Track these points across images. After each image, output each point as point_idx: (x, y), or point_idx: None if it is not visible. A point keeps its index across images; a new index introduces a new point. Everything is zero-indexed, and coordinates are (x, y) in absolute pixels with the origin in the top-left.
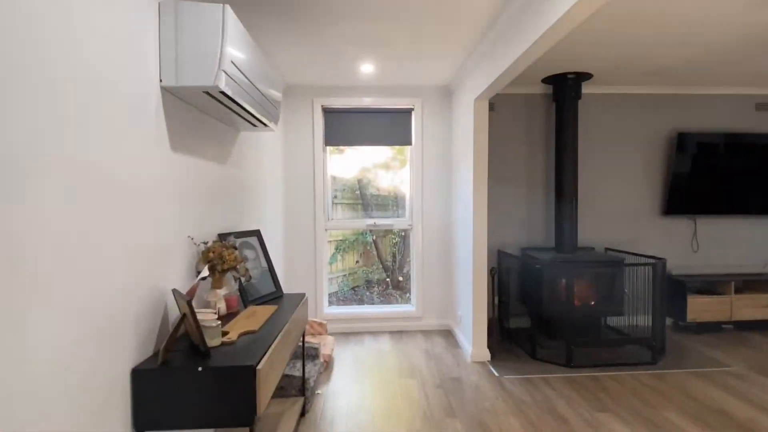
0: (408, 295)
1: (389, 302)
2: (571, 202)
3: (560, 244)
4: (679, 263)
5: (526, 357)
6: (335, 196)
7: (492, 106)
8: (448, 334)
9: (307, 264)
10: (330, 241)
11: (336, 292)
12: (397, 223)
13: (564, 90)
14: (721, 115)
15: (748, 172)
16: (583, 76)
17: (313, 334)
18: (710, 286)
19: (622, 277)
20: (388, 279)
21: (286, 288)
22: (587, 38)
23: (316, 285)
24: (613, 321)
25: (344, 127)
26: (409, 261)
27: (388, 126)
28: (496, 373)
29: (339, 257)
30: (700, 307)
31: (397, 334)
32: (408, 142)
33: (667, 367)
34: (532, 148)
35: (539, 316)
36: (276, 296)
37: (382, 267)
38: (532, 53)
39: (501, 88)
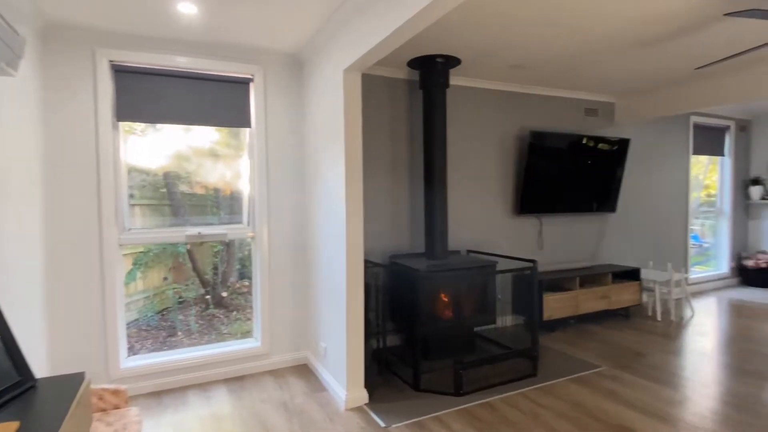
0: (235, 313)
1: (212, 325)
2: (442, 201)
3: (431, 248)
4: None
5: (407, 388)
6: (132, 195)
7: None
8: (306, 372)
9: (89, 299)
10: (125, 255)
11: (136, 320)
12: (233, 232)
13: (432, 76)
14: (559, 117)
15: (584, 173)
16: (452, 62)
17: (104, 410)
18: (558, 282)
19: (495, 282)
20: (208, 296)
21: (50, 355)
22: (459, 15)
23: (105, 328)
24: (478, 328)
25: (147, 96)
26: (237, 271)
27: (216, 100)
28: (381, 423)
29: (139, 274)
30: (553, 305)
31: (237, 381)
32: (245, 124)
33: (548, 377)
34: (396, 140)
35: (414, 334)
36: (17, 390)
37: (199, 282)
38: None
39: (380, 57)
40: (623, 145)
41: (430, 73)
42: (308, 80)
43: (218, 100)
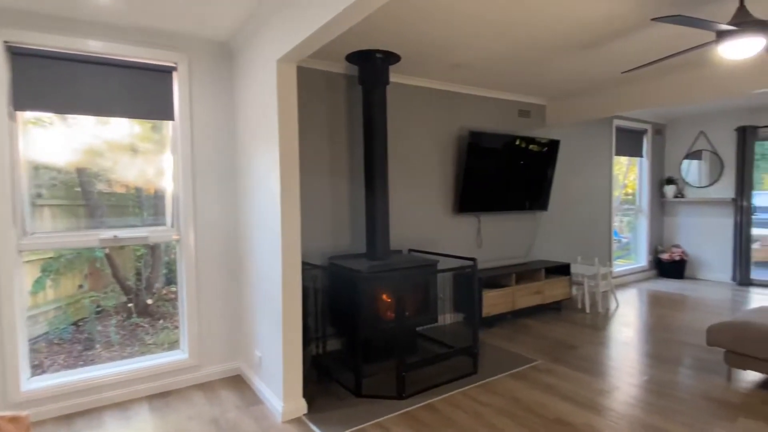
0: (162, 321)
1: (135, 335)
2: (383, 201)
3: (373, 248)
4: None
5: (348, 395)
6: (39, 195)
7: None
8: (239, 383)
9: None
10: (31, 261)
11: (46, 334)
12: (155, 235)
13: (372, 71)
14: (495, 117)
15: (519, 173)
16: (392, 58)
17: None
18: (496, 279)
19: (436, 281)
20: (130, 304)
21: None
22: (398, 8)
23: (2, 345)
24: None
25: (52, 83)
26: (163, 276)
27: (135, 89)
28: None
29: (48, 282)
30: (492, 301)
31: (162, 397)
32: (168, 116)
33: (488, 374)
34: (335, 137)
35: (355, 337)
36: None
37: (121, 289)
38: None
39: (317, 48)
40: (554, 146)
41: (369, 69)
42: (240, 71)
43: (137, 90)
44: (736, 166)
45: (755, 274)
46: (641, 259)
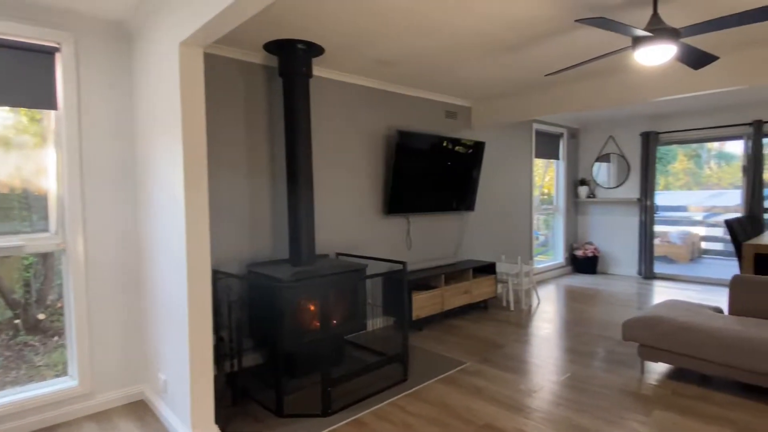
0: (57, 338)
1: (22, 356)
2: (308, 202)
3: (297, 254)
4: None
5: (269, 416)
6: None
7: None
8: (142, 411)
9: None
10: None
11: None
12: (33, 244)
13: (293, 63)
14: (423, 118)
15: (447, 173)
16: (315, 49)
17: None
18: (426, 281)
19: (365, 286)
20: (17, 321)
21: None
22: None
23: None
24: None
25: None
26: (57, 287)
27: (8, 72)
28: None
29: None
30: (421, 303)
31: None
32: (49, 104)
33: (418, 381)
34: (253, 133)
35: (276, 351)
36: None
37: (5, 303)
38: None
39: (227, 31)
40: (479, 147)
41: (290, 60)
42: (139, 55)
43: (11, 73)
44: (641, 169)
45: (658, 268)
46: (558, 255)
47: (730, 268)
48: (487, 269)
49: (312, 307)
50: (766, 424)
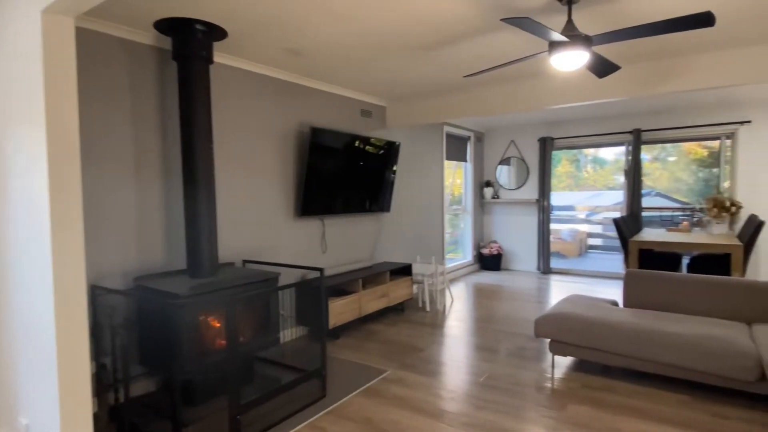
0: None
1: None
2: (209, 204)
3: (196, 263)
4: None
5: None
6: None
7: None
8: None
9: None
10: None
11: None
12: None
13: (190, 45)
14: (338, 115)
15: (363, 173)
16: (216, 32)
17: None
18: (343, 286)
19: (278, 296)
20: None
21: None
22: None
23: None
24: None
25: None
26: None
27: None
28: None
29: None
30: (338, 310)
31: None
32: None
33: (338, 396)
34: (141, 124)
35: (173, 377)
36: None
37: None
38: None
39: (97, 1)
40: (395, 147)
41: (186, 42)
42: None
43: None
44: (539, 171)
45: (554, 263)
46: (467, 254)
47: (612, 261)
48: (404, 271)
49: (215, 324)
50: (666, 410)
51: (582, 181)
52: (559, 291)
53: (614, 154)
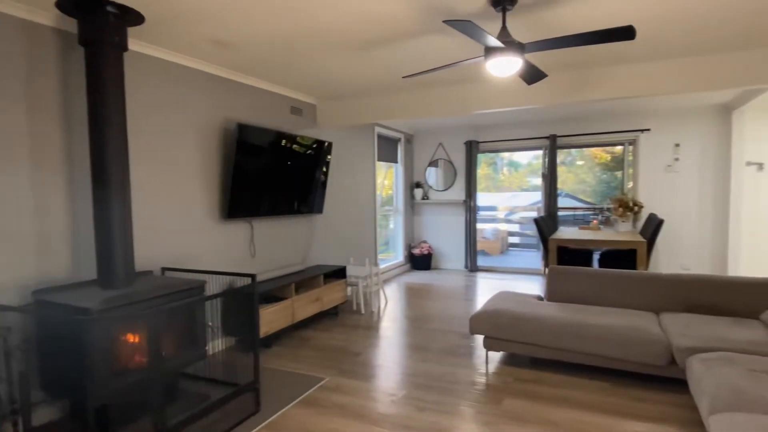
0: None
1: None
2: (123, 207)
3: (109, 273)
4: (241, 272)
5: None
6: None
7: None
8: None
9: None
10: None
11: None
12: None
13: (100, 29)
14: (267, 112)
15: (294, 173)
16: (131, 16)
17: None
18: (274, 292)
19: (204, 306)
20: None
21: None
22: None
23: None
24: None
25: None
26: None
27: None
28: None
29: None
30: (270, 318)
31: None
32: None
33: (274, 409)
34: (39, 115)
35: (85, 402)
36: None
37: None
38: None
39: None
40: (326, 147)
41: (96, 25)
42: None
43: None
44: (465, 173)
45: (480, 261)
46: (399, 254)
47: (530, 258)
48: (338, 273)
49: (134, 341)
50: (591, 397)
51: (499, 183)
52: (486, 288)
53: (527, 158)
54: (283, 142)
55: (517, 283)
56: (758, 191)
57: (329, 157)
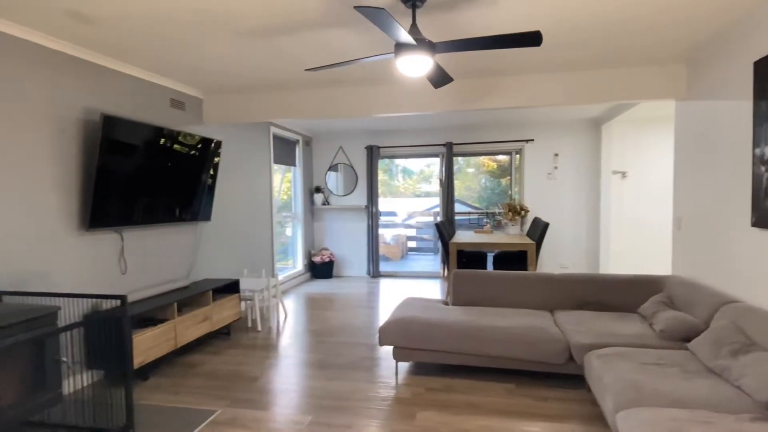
0: None
1: None
2: None
3: None
4: (108, 292)
5: None
6: None
7: None
8: None
9: None
10: None
11: None
12: None
13: None
14: (142, 104)
15: (176, 175)
16: None
17: None
18: (151, 314)
19: (58, 337)
20: None
21: None
22: None
23: None
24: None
25: None
26: None
27: None
28: None
29: None
30: (147, 345)
31: None
32: None
33: None
34: None
35: None
36: None
37: None
38: None
39: None
40: (214, 146)
41: None
42: None
43: None
44: (367, 178)
45: (382, 266)
46: (298, 263)
47: (426, 261)
48: (230, 288)
49: None
50: (498, 401)
51: (395, 189)
52: (390, 294)
53: (419, 166)
54: (162, 140)
55: (419, 287)
56: (622, 197)
57: (218, 158)
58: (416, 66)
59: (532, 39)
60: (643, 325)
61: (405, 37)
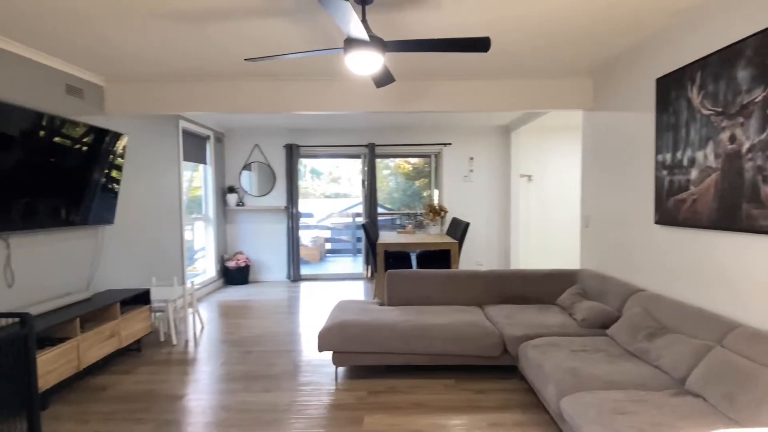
0: None
1: None
2: None
3: None
4: None
5: None
6: None
7: None
8: None
9: None
10: None
11: None
12: None
13: None
14: (30, 88)
15: (72, 171)
16: None
17: None
18: (49, 332)
19: None
20: None
21: None
22: None
23: None
24: None
25: None
26: None
27: None
28: None
29: None
30: (44, 369)
31: None
32: None
33: None
34: None
35: None
36: None
37: None
38: None
39: None
40: (111, 140)
41: None
42: None
43: None
44: (286, 178)
45: (302, 270)
46: (210, 269)
47: (346, 263)
48: (140, 299)
49: None
50: (441, 398)
51: (303, 190)
52: (313, 298)
53: (328, 167)
54: (55, 128)
55: (342, 289)
56: (528, 199)
57: (120, 153)
58: (366, 63)
59: (482, 44)
60: (564, 315)
61: (358, 31)
